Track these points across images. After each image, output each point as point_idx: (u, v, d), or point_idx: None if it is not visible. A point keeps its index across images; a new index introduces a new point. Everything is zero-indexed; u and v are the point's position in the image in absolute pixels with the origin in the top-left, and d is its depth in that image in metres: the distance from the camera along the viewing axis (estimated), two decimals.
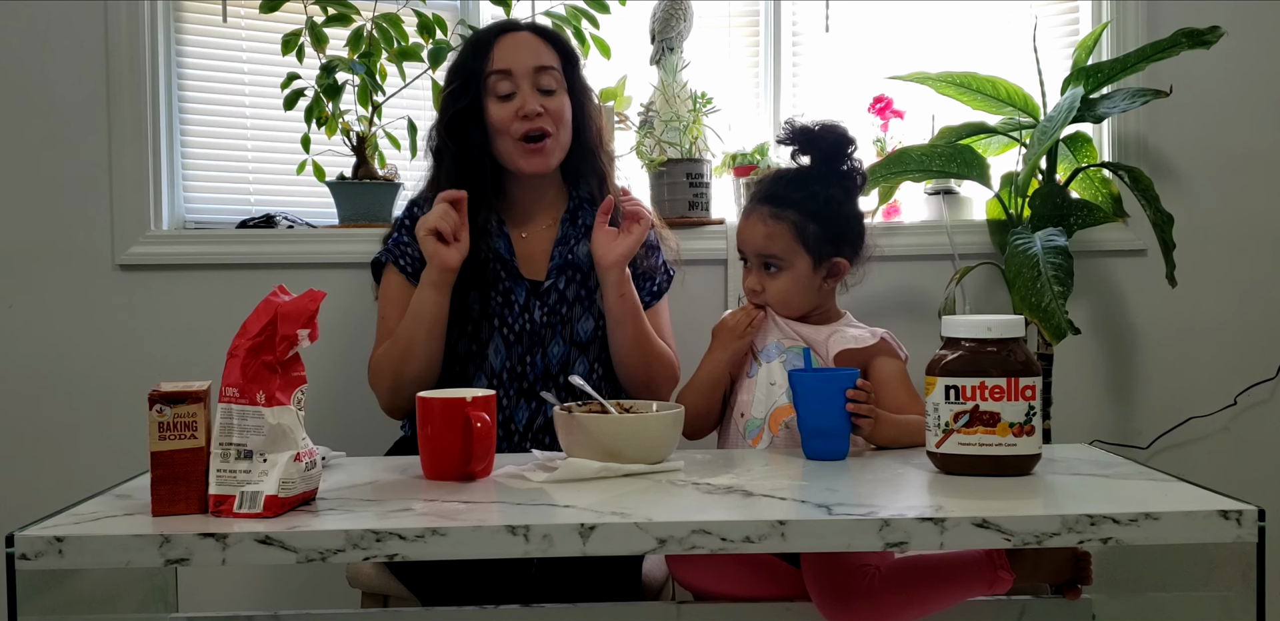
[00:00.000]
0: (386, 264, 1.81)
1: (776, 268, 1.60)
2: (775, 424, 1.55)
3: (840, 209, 1.63)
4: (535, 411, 1.76)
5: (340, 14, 2.12)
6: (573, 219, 1.83)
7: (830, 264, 1.61)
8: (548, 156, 1.76)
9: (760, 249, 1.61)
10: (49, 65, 2.18)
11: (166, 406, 1.13)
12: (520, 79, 1.75)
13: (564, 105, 1.77)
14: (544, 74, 1.76)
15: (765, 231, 1.60)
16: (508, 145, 1.75)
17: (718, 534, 1.07)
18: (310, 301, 1.18)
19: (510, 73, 1.75)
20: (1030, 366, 1.29)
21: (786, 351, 1.58)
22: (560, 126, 1.77)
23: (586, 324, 1.78)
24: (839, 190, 1.63)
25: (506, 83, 1.75)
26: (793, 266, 1.60)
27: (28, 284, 2.20)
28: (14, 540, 1.05)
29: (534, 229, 1.83)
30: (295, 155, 2.21)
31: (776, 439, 1.54)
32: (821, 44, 2.39)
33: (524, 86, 1.75)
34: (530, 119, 1.73)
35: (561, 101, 1.77)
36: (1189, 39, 1.99)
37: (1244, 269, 2.30)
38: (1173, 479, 1.26)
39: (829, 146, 1.63)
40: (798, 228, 1.59)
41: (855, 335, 1.58)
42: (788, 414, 1.52)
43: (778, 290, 1.61)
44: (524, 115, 1.73)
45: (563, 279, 1.79)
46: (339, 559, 1.06)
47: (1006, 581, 1.47)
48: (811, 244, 1.59)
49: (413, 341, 1.69)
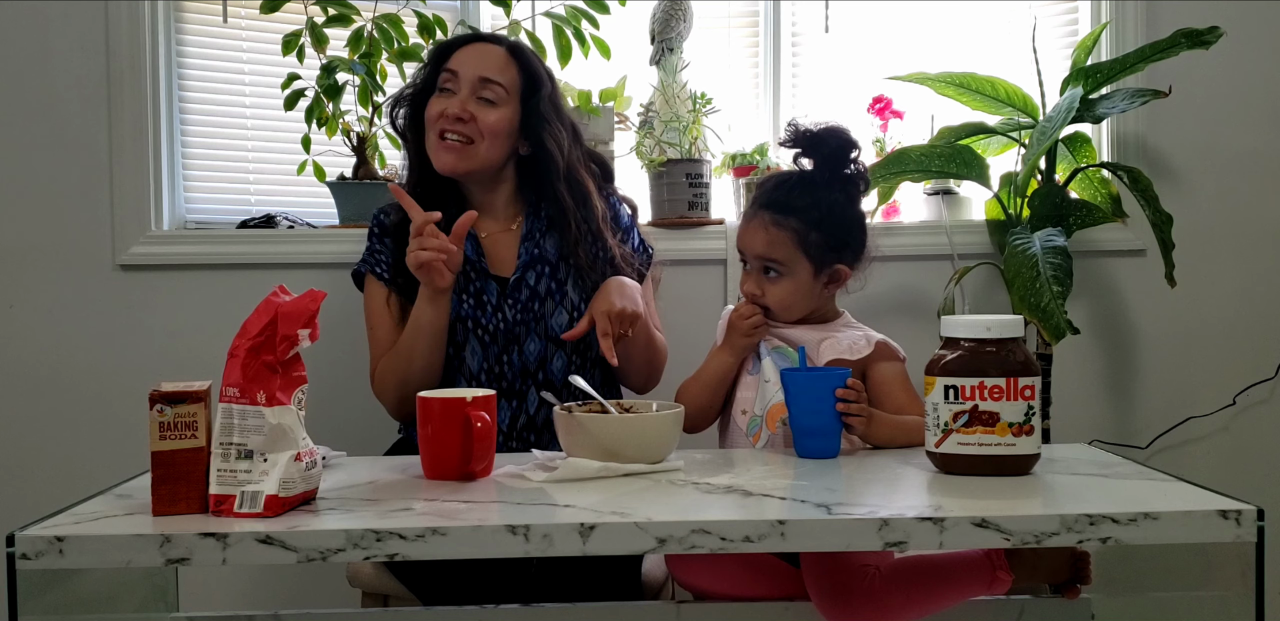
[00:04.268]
0: (365, 274, 1.83)
1: (777, 273, 1.60)
2: (772, 421, 1.55)
3: (843, 214, 1.61)
4: (517, 411, 1.76)
5: (340, 14, 2.12)
6: (535, 212, 1.84)
7: (832, 271, 1.60)
8: (459, 159, 1.76)
9: (761, 254, 1.60)
10: (49, 65, 2.19)
11: (167, 406, 1.13)
12: (463, 82, 1.77)
13: (501, 120, 1.76)
14: (488, 86, 1.77)
15: (766, 238, 1.59)
16: (431, 140, 1.78)
17: (717, 533, 1.07)
18: (311, 301, 1.18)
19: (456, 74, 1.77)
20: (1029, 366, 1.29)
21: (772, 352, 1.59)
22: (486, 138, 1.76)
23: (560, 318, 1.78)
24: (841, 195, 1.62)
25: (451, 81, 1.77)
26: (794, 273, 1.59)
27: (28, 284, 2.20)
28: (14, 540, 1.05)
29: (496, 228, 1.84)
30: (295, 155, 2.21)
31: (774, 436, 1.54)
32: (821, 44, 2.39)
33: (464, 91, 1.76)
34: (449, 120, 1.75)
35: (500, 115, 1.76)
36: (1188, 39, 1.99)
37: (1243, 269, 2.30)
38: (1172, 479, 1.26)
39: (832, 150, 1.62)
40: (800, 235, 1.58)
41: (850, 344, 1.57)
42: (784, 412, 1.53)
43: (777, 296, 1.60)
44: (446, 114, 1.75)
45: (531, 274, 1.79)
46: (339, 558, 1.06)
47: (1005, 581, 1.47)
48: (813, 251, 1.58)
49: (414, 352, 1.71)
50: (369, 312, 1.83)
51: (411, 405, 1.69)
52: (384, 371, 1.76)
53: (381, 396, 1.78)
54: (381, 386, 1.77)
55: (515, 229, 1.84)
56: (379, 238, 1.83)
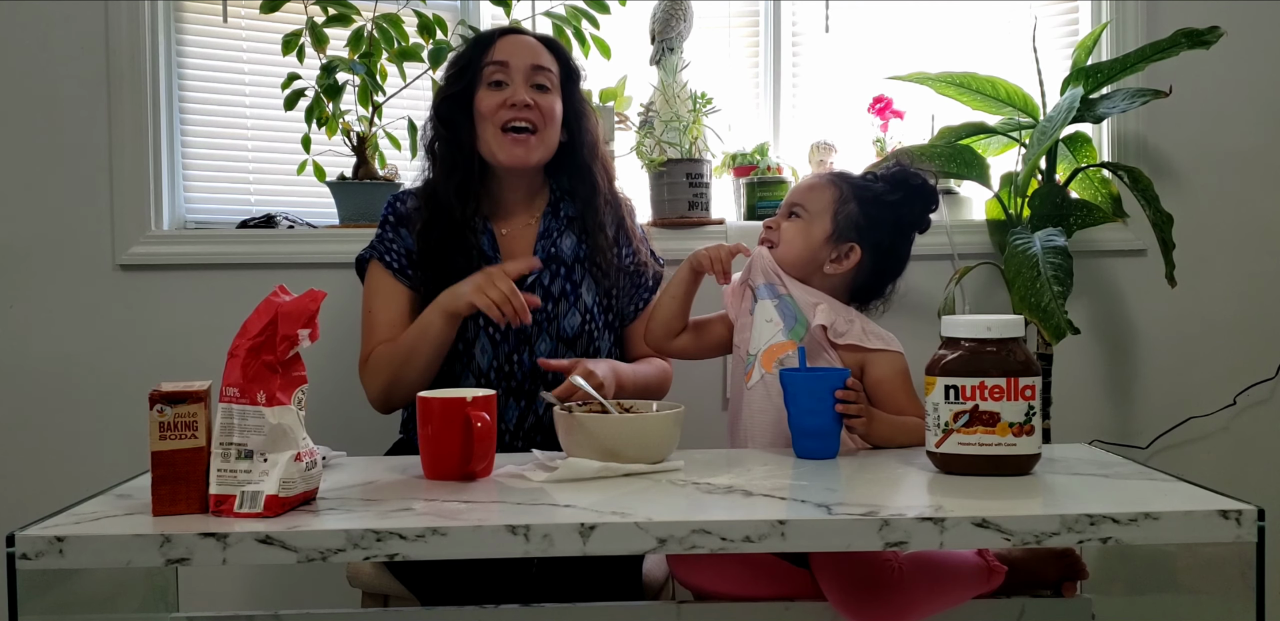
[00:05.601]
0: (371, 260, 1.81)
1: (798, 216, 1.63)
2: (769, 360, 1.55)
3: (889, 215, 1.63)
4: (525, 410, 1.76)
5: (340, 14, 2.12)
6: (554, 212, 1.83)
7: (846, 246, 1.61)
8: (529, 150, 1.75)
9: (797, 197, 1.65)
10: (50, 65, 2.19)
11: (167, 406, 1.13)
12: (515, 72, 1.75)
13: (555, 105, 1.78)
14: (540, 73, 1.77)
15: (811, 184, 1.66)
16: (490, 133, 1.75)
17: (718, 533, 1.07)
18: (311, 301, 1.18)
19: (506, 64, 1.76)
20: (1030, 366, 1.29)
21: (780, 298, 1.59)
22: (548, 124, 1.76)
23: (573, 319, 1.78)
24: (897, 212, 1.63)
25: (501, 73, 1.76)
26: (810, 224, 1.62)
27: (28, 284, 2.20)
28: (14, 540, 1.05)
29: (515, 225, 1.83)
30: (295, 155, 2.22)
31: (768, 376, 1.54)
32: (821, 44, 2.40)
33: (517, 79, 1.75)
34: (517, 108, 1.73)
35: (554, 100, 1.77)
36: (1189, 39, 1.99)
37: (1243, 269, 2.30)
38: (1172, 478, 1.26)
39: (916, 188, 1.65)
40: (840, 199, 1.62)
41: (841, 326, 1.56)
42: (784, 351, 1.54)
43: (787, 234, 1.63)
44: (511, 104, 1.73)
45: (546, 274, 1.79)
46: (339, 558, 1.06)
47: (1001, 572, 1.49)
48: (840, 218, 1.61)
49: (414, 353, 1.70)
50: (370, 296, 1.81)
51: (397, 398, 1.71)
52: (378, 360, 1.74)
53: (368, 383, 1.76)
54: (373, 374, 1.75)
55: (533, 225, 1.83)
56: (393, 226, 1.81)
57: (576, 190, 1.83)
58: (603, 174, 1.85)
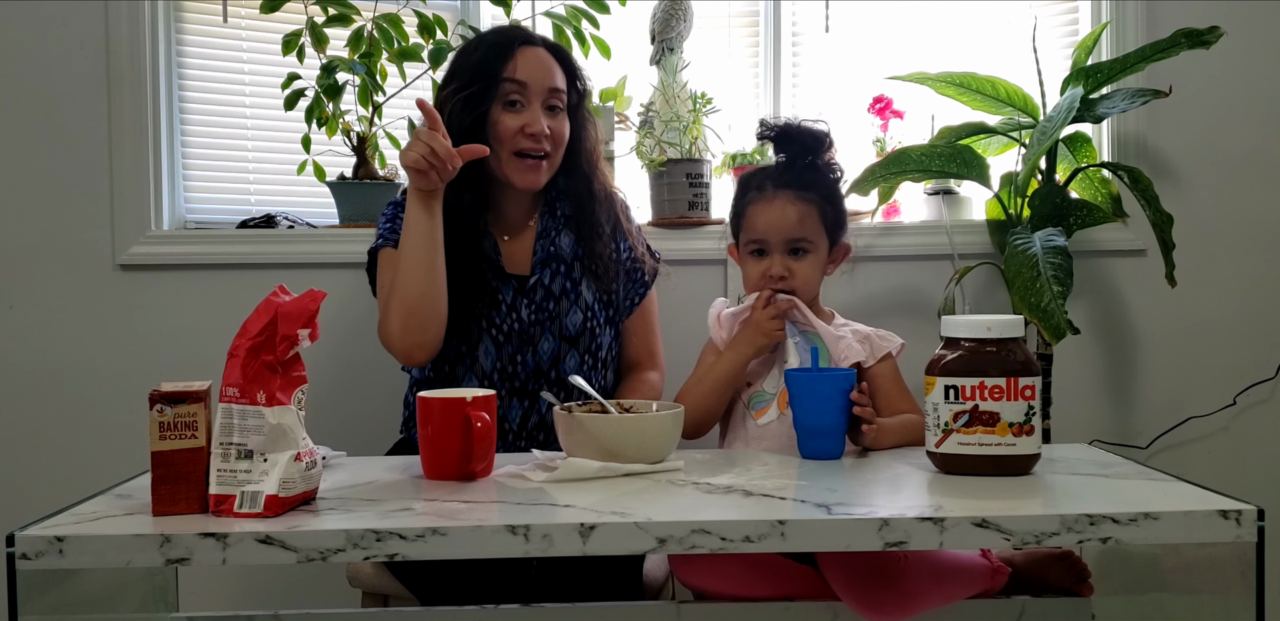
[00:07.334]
0: (383, 248, 1.78)
1: (804, 251, 1.60)
2: (784, 402, 1.54)
3: (839, 194, 1.66)
4: (529, 410, 1.76)
5: (341, 14, 2.12)
6: (551, 211, 1.84)
7: (840, 250, 1.62)
8: (540, 176, 1.77)
9: (792, 233, 1.59)
10: (49, 65, 2.19)
11: (167, 406, 1.13)
12: (534, 95, 1.75)
13: (565, 126, 1.79)
14: (555, 95, 1.77)
15: (798, 214, 1.59)
16: (505, 156, 1.75)
17: (718, 533, 1.07)
18: (311, 301, 1.18)
19: (526, 86, 1.75)
20: (1030, 366, 1.29)
21: (800, 335, 1.58)
22: (558, 148, 1.78)
23: (575, 318, 1.78)
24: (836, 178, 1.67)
25: (519, 94, 1.75)
26: (817, 249, 1.61)
27: (28, 284, 2.20)
28: (14, 540, 1.05)
29: (514, 226, 1.84)
30: (295, 155, 2.21)
31: (784, 417, 1.53)
32: (821, 44, 2.39)
33: (535, 104, 1.75)
34: (535, 138, 1.74)
35: (564, 123, 1.79)
36: (1189, 39, 1.99)
37: (1243, 269, 2.30)
38: (1172, 478, 1.26)
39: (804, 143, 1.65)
40: (821, 210, 1.60)
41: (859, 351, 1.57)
42: None
43: (804, 275, 1.59)
44: (530, 133, 1.74)
45: (547, 272, 1.79)
46: (339, 558, 1.06)
47: (1005, 572, 1.49)
48: (829, 227, 1.61)
49: (413, 260, 1.62)
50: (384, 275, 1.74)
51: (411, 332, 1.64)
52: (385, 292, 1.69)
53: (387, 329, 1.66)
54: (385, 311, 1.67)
55: (532, 227, 1.84)
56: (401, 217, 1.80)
57: (572, 191, 1.84)
58: (598, 176, 1.86)
